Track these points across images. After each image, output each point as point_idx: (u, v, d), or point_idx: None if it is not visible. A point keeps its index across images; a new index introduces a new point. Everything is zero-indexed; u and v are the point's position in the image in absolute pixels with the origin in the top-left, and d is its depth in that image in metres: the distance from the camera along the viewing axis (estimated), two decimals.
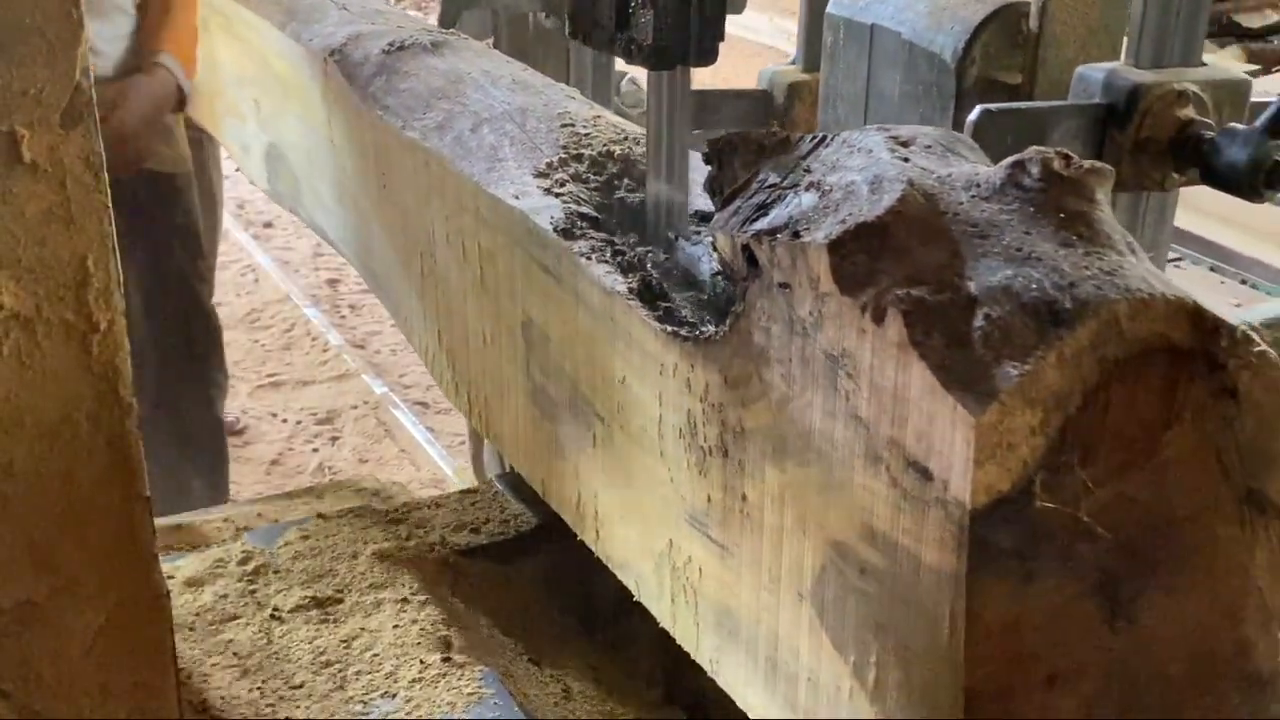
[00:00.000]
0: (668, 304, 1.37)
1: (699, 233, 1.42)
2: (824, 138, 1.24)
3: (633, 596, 1.45)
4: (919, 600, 1.04)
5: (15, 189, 1.05)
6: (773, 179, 1.23)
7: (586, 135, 1.72)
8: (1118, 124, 1.41)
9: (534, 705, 1.56)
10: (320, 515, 1.88)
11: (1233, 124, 1.39)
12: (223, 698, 1.53)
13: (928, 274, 1.03)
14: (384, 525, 1.84)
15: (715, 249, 1.25)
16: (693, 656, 1.44)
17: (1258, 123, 1.36)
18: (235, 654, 1.60)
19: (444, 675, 1.56)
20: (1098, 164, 1.06)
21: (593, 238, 1.49)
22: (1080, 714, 1.05)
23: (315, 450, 3.50)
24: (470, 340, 1.76)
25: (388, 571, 1.73)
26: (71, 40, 1.04)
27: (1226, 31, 5.34)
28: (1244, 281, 3.19)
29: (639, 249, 1.47)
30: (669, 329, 1.31)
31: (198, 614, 1.66)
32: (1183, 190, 3.81)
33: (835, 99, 1.83)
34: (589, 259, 1.44)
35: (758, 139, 1.31)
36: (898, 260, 1.04)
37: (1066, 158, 1.06)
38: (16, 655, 1.15)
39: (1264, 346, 1.02)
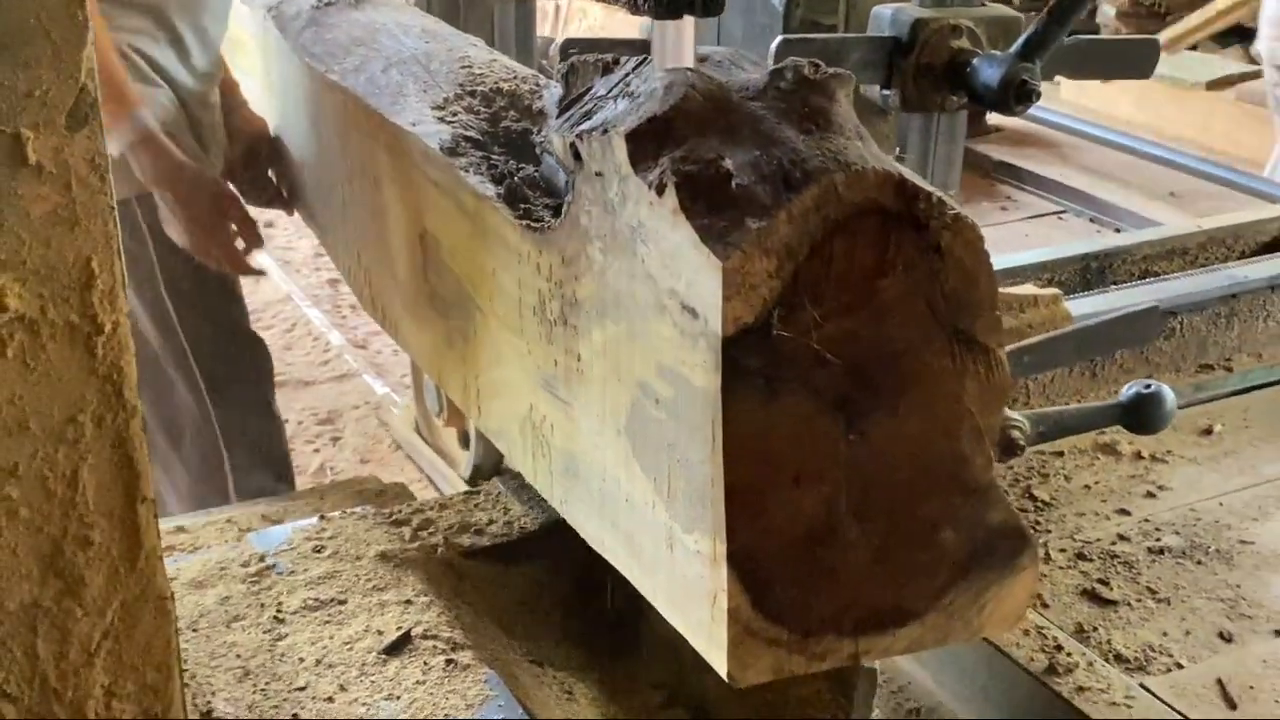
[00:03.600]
0: (528, 205, 1.62)
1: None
2: (645, 59, 1.49)
3: (638, 598, 1.55)
4: (692, 419, 1.29)
5: (20, 191, 1.04)
6: (600, 91, 1.49)
7: (481, 75, 1.99)
8: (902, 53, 1.66)
9: (537, 707, 1.56)
10: (323, 516, 1.87)
11: (993, 51, 1.64)
12: (226, 699, 1.52)
13: (698, 155, 1.28)
14: (387, 526, 1.84)
15: (552, 149, 1.50)
16: (549, 501, 1.70)
17: (1012, 48, 1.62)
18: (239, 655, 1.60)
19: (448, 677, 1.56)
20: (839, 70, 1.32)
21: (472, 155, 1.74)
22: (822, 509, 1.30)
23: (316, 450, 3.48)
24: (381, 257, 2.02)
25: (391, 573, 1.73)
26: (77, 42, 1.03)
27: (1228, 32, 5.43)
28: (1118, 230, 3.46)
29: (511, 163, 1.72)
30: (524, 223, 1.57)
31: (201, 615, 1.66)
32: (1070, 150, 4.06)
33: (696, 41, 2.09)
34: (467, 172, 1.70)
35: (595, 63, 1.58)
36: (677, 145, 1.29)
37: (815, 65, 1.32)
38: (21, 658, 1.15)
39: (959, 210, 1.28)
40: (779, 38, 1.59)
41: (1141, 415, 1.73)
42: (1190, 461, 2.24)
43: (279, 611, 1.66)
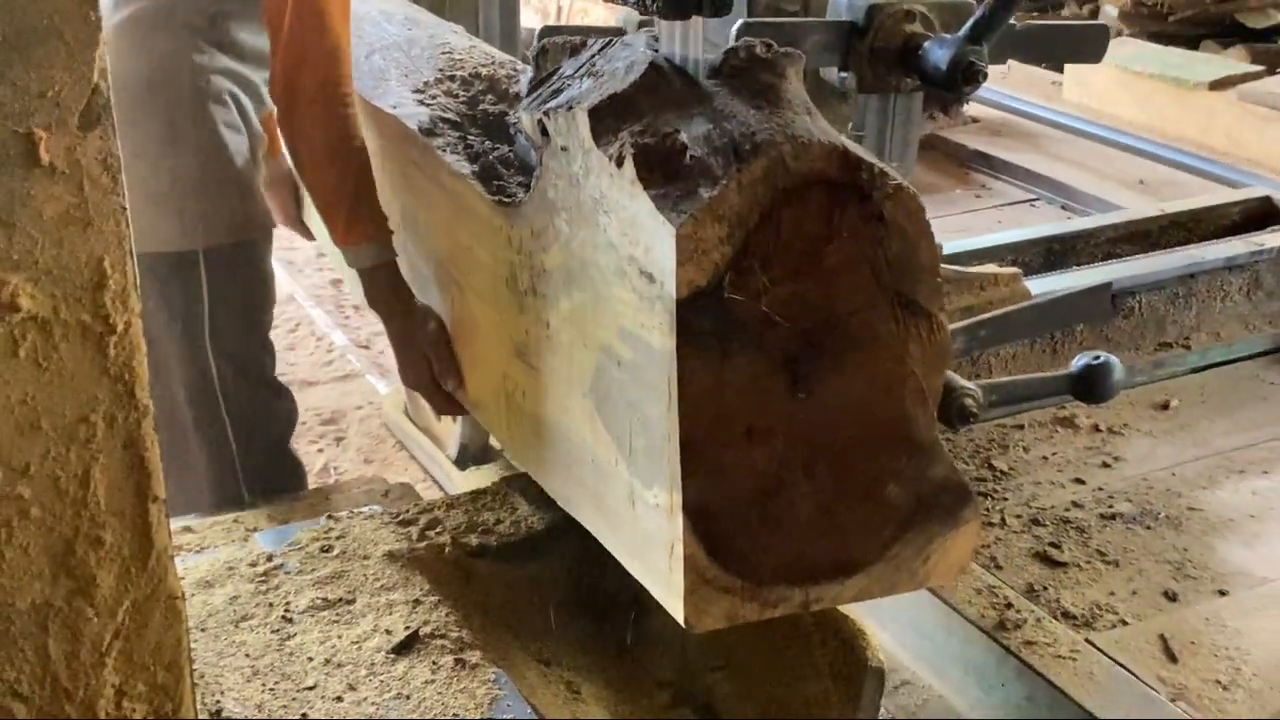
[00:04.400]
0: (501, 182, 1.70)
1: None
2: (610, 41, 1.57)
3: (645, 599, 1.58)
4: (650, 378, 1.36)
5: (33, 191, 1.04)
6: (568, 71, 1.56)
7: (461, 60, 2.07)
8: (858, 37, 1.74)
9: (545, 707, 1.57)
10: (331, 516, 1.86)
11: (944, 34, 1.71)
12: (235, 699, 1.53)
13: (656, 129, 1.34)
14: (395, 526, 1.84)
15: (522, 126, 1.58)
16: (521, 466, 1.77)
17: (960, 32, 1.69)
18: (247, 655, 1.60)
19: (457, 677, 1.56)
20: (789, 49, 1.39)
21: (449, 136, 1.82)
22: (774, 462, 1.37)
23: (320, 451, 3.43)
24: None
25: (399, 573, 1.73)
26: (89, 41, 1.03)
27: (1230, 32, 5.44)
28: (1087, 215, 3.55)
29: (486, 143, 1.80)
30: (496, 198, 1.64)
31: (210, 615, 1.66)
32: (1043, 139, 4.13)
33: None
34: (444, 151, 1.77)
35: (564, 45, 1.66)
36: (637, 120, 1.36)
37: (767, 45, 1.40)
38: (33, 657, 1.15)
39: (900, 180, 1.35)
40: (740, 21, 1.66)
41: (1090, 385, 1.79)
42: (1146, 434, 2.32)
43: (287, 611, 1.67)
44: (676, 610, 1.42)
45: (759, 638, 1.61)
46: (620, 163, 1.34)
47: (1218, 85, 4.18)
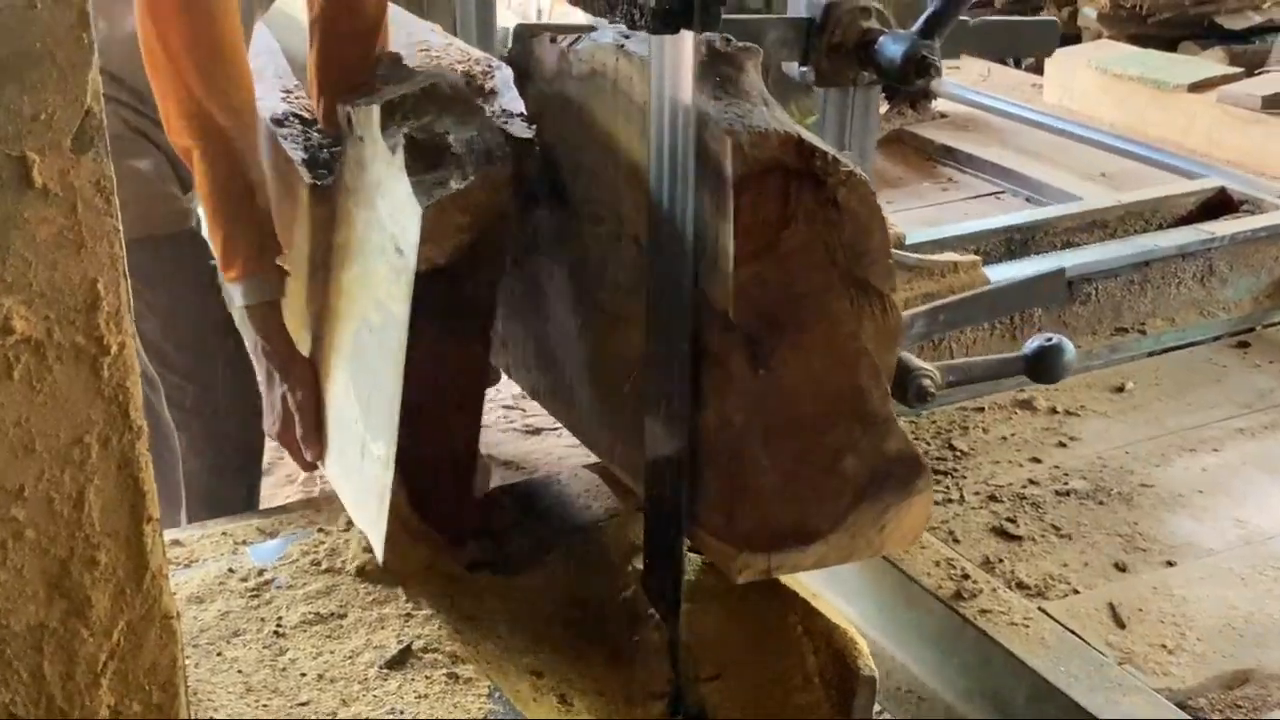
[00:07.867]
0: (323, 170, 1.79)
1: None
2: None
3: (638, 609, 1.67)
4: (389, 342, 1.54)
5: (26, 214, 1.04)
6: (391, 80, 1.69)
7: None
8: (817, 33, 1.81)
9: (538, 718, 1.56)
10: (321, 529, 1.85)
11: (899, 30, 1.79)
12: (229, 715, 1.52)
13: (431, 129, 1.53)
14: None
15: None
16: None
17: (914, 27, 1.77)
18: (240, 671, 1.59)
19: (450, 691, 1.56)
20: (747, 45, 1.47)
21: (296, 129, 1.90)
22: (737, 435, 1.44)
23: None
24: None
25: (391, 586, 1.72)
26: (82, 64, 1.03)
27: (1209, 34, 5.46)
28: None
29: (326, 139, 1.86)
30: (313, 182, 1.76)
31: (201, 631, 1.65)
32: (1009, 134, 4.21)
33: None
34: (285, 141, 1.86)
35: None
36: (419, 118, 1.55)
37: (726, 39, 1.48)
38: (28, 679, 1.15)
39: (853, 167, 1.42)
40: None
41: (1043, 365, 1.86)
42: (1101, 415, 2.39)
43: (279, 626, 1.67)
44: (379, 551, 1.64)
45: (752, 647, 1.65)
46: (395, 150, 1.53)
47: (1197, 87, 4.22)
